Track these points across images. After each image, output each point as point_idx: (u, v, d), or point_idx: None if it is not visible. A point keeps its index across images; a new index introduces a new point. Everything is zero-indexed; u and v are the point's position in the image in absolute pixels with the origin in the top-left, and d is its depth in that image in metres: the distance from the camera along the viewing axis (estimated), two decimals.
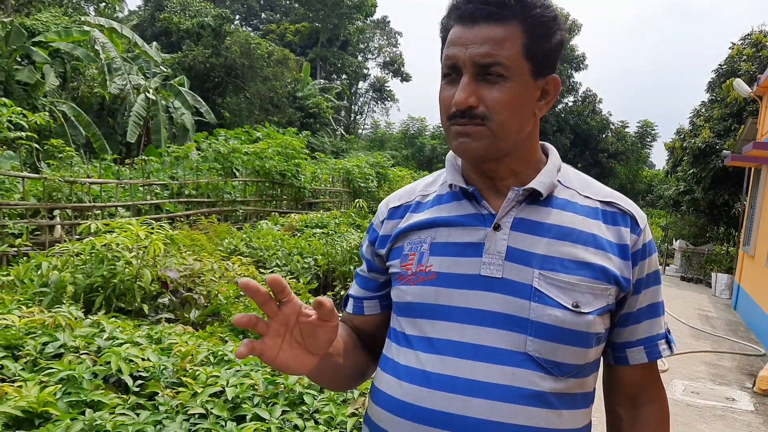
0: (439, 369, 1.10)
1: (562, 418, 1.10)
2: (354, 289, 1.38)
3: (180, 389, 3.00)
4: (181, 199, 11.39)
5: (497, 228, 1.14)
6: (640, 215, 1.21)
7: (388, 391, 1.17)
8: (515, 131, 1.12)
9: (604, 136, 43.79)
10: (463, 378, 1.08)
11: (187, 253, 6.30)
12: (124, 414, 2.65)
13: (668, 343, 1.27)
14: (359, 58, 52.33)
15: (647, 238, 1.20)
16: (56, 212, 8.51)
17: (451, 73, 1.11)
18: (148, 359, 3.24)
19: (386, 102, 56.06)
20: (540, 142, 1.25)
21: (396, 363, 1.18)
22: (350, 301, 1.38)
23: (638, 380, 1.27)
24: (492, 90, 1.07)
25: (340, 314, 1.31)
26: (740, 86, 11.75)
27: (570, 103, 44.50)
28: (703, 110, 18.81)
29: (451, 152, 1.28)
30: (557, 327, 1.09)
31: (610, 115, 44.33)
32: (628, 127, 46.09)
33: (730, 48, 17.55)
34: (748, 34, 17.31)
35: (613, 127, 44.72)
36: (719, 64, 18.04)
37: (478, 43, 1.06)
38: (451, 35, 1.11)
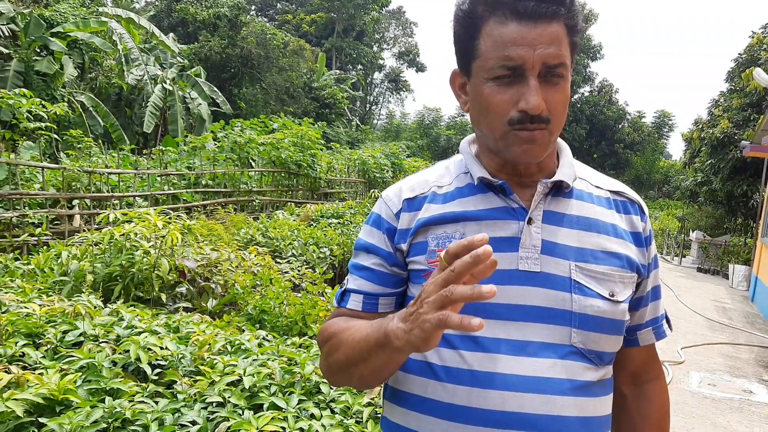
0: (489, 368, 1.07)
1: (603, 405, 1.15)
2: (362, 284, 1.24)
3: (198, 378, 3.02)
4: (197, 189, 11.44)
5: (530, 221, 1.13)
6: (643, 202, 1.26)
7: (430, 395, 1.12)
8: (561, 130, 1.12)
9: (620, 126, 43.50)
10: (515, 375, 1.07)
11: (205, 242, 6.35)
12: (143, 402, 2.68)
13: (668, 322, 1.35)
14: (375, 49, 52.28)
15: (650, 224, 1.26)
16: (75, 202, 8.58)
17: (508, 74, 1.05)
18: (167, 348, 3.27)
19: (401, 92, 56.03)
20: None
21: (432, 364, 1.13)
22: (356, 297, 1.24)
23: (643, 360, 1.32)
24: (554, 92, 1.06)
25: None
26: (760, 76, 11.61)
27: (586, 94, 44.17)
28: (721, 100, 18.65)
29: (465, 143, 1.27)
30: (599, 317, 1.11)
31: (627, 105, 44.01)
32: (644, 117, 45.76)
33: (750, 37, 17.35)
34: None
35: (629, 118, 44.39)
36: (739, 53, 17.85)
37: (546, 44, 1.02)
38: (508, 33, 1.03)
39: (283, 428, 2.57)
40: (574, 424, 1.08)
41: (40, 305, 3.71)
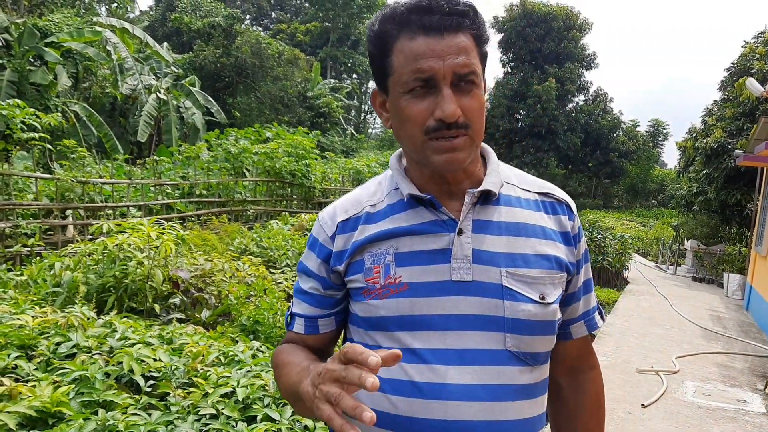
0: (428, 378, 1.11)
1: (538, 404, 1.18)
2: (303, 308, 1.31)
3: (191, 389, 3.02)
4: (191, 199, 11.43)
5: (460, 232, 1.15)
6: (572, 201, 1.30)
7: (375, 407, 1.14)
8: (482, 135, 1.16)
9: (615, 135, 43.60)
10: (453, 384, 1.10)
11: (198, 253, 6.34)
12: (136, 414, 2.67)
13: (600, 314, 1.39)
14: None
15: (578, 221, 1.30)
16: (69, 212, 8.56)
17: (422, 86, 1.08)
18: (160, 359, 3.26)
19: None
20: None
21: (378, 377, 1.16)
22: (299, 321, 1.31)
23: (578, 352, 1.37)
24: (468, 98, 1.09)
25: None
26: (753, 85, 11.66)
27: (581, 103, 44.33)
28: (715, 109, 18.71)
29: (395, 158, 1.31)
30: (531, 321, 1.14)
31: (621, 114, 44.18)
32: (639, 126, 45.96)
33: (742, 46, 17.45)
34: (762, 33, 17.19)
35: (624, 126, 44.53)
36: (732, 63, 17.94)
37: (454, 54, 1.06)
38: (417, 47, 1.07)
39: None
40: (513, 427, 1.12)
41: (32, 317, 3.69)
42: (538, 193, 1.26)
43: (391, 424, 1.13)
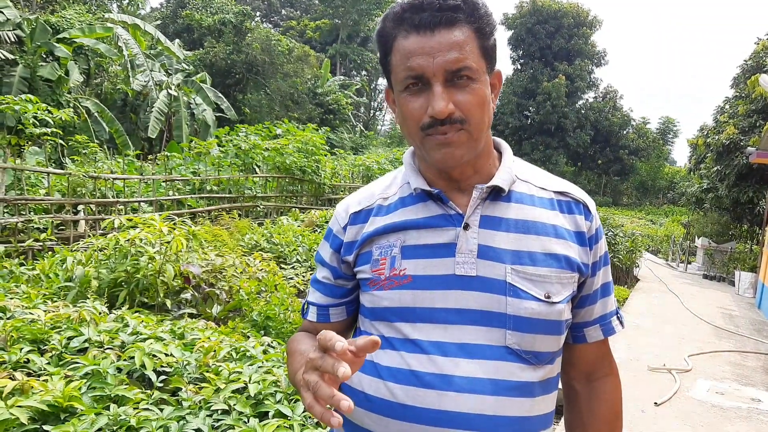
0: (427, 368, 1.12)
1: (541, 404, 1.17)
2: (316, 297, 1.35)
3: (203, 385, 3.01)
4: (202, 195, 11.44)
5: (466, 227, 1.16)
6: (591, 202, 1.28)
7: (373, 393, 1.17)
8: (486, 130, 1.15)
9: (625, 132, 43.47)
10: (451, 375, 1.11)
11: (209, 248, 6.34)
12: (147, 409, 2.67)
13: (619, 319, 1.35)
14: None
15: (598, 223, 1.27)
16: (80, 207, 8.59)
17: (416, 83, 1.10)
18: (172, 355, 3.26)
19: None
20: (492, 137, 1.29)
21: (377, 365, 1.18)
22: (313, 309, 1.36)
23: (594, 356, 1.34)
24: (463, 93, 1.08)
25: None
26: (766, 82, 11.57)
27: (590, 100, 44.17)
28: (727, 106, 18.60)
29: (408, 154, 1.31)
30: (533, 319, 1.13)
31: (631, 111, 44.03)
32: (649, 123, 45.77)
33: (755, 43, 17.33)
34: None
35: (634, 124, 44.36)
36: (744, 60, 17.82)
37: (445, 50, 1.06)
38: (409, 45, 1.09)
39: None
40: (508, 423, 1.12)
41: (45, 311, 3.70)
42: (555, 192, 1.25)
43: (388, 411, 1.14)
